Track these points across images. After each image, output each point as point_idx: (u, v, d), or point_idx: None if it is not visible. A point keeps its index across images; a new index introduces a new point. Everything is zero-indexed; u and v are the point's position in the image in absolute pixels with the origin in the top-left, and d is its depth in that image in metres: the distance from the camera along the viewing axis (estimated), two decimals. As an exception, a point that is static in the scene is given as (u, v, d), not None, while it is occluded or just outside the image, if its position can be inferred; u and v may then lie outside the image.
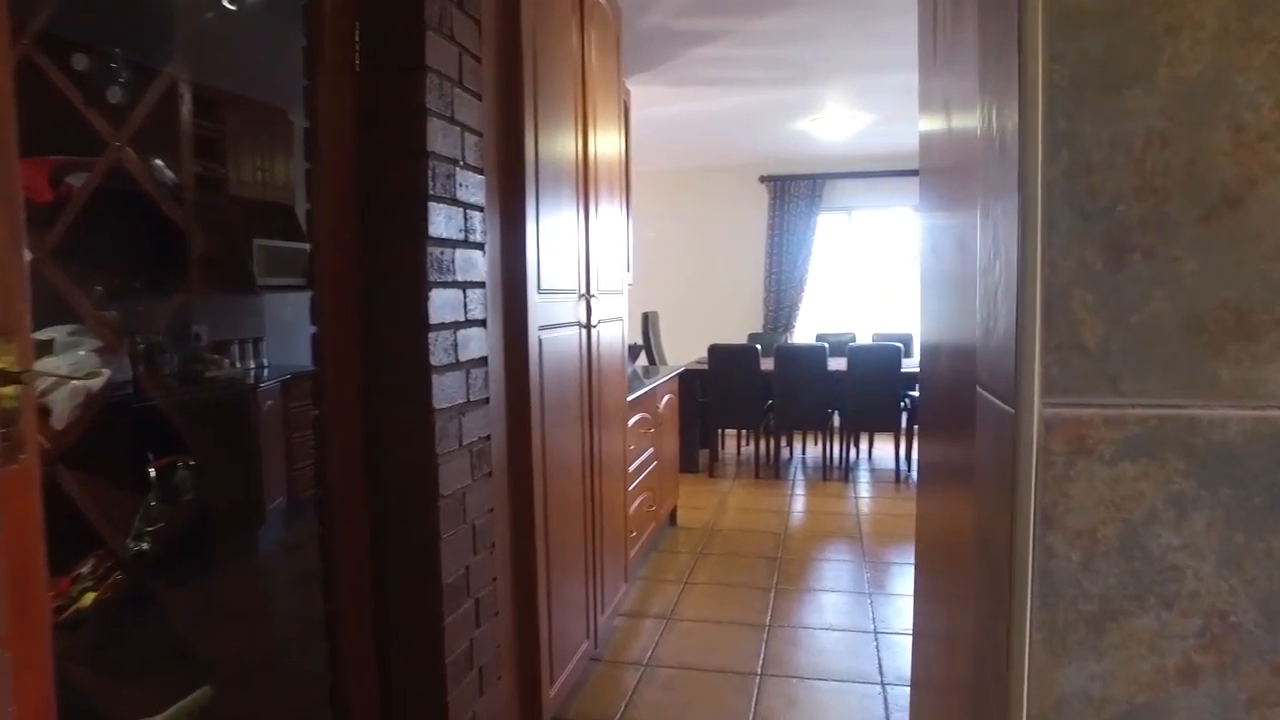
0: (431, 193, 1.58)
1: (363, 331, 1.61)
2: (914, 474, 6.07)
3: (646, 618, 3.34)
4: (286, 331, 5.34)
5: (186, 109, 2.02)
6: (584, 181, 2.59)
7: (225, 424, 2.59)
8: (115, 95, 1.84)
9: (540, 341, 2.17)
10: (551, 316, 2.27)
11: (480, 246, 1.83)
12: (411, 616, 1.64)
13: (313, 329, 1.56)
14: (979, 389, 0.64)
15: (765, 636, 3.13)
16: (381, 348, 1.61)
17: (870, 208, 7.62)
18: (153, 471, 2.05)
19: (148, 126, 1.82)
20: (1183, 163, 0.55)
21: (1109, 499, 0.57)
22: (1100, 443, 0.57)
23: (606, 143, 2.86)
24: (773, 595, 3.58)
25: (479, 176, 1.81)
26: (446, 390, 1.65)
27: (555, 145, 2.29)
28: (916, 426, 5.95)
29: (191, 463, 2.13)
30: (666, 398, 4.43)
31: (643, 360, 6.17)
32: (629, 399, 3.36)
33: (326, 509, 1.60)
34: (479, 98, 1.80)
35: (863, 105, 5.42)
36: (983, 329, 0.64)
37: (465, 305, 1.75)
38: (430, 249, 1.59)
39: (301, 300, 1.56)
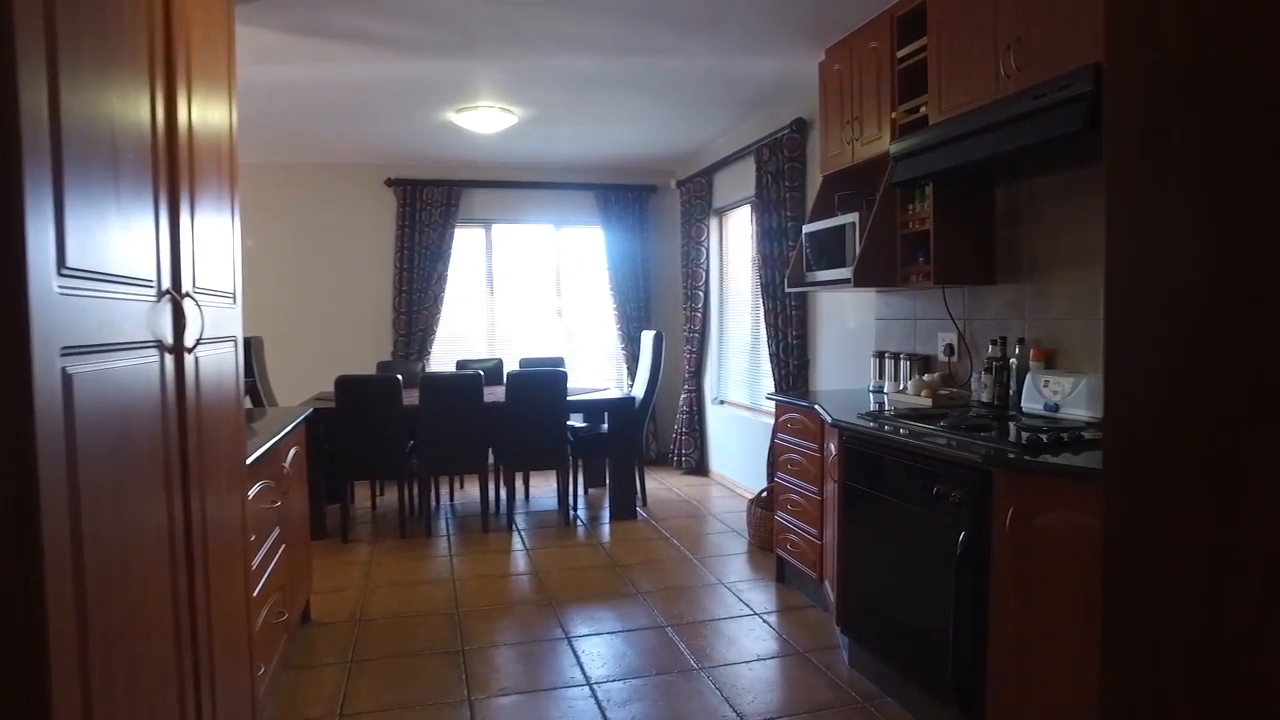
0: None
1: None
2: (582, 513, 5.50)
3: (286, 799, 2.17)
4: None
5: None
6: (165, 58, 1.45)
7: None
8: None
9: (67, 379, 1.02)
10: (95, 328, 1.13)
11: None
12: None
13: None
14: None
15: (477, 793, 2.18)
16: None
17: (510, 222, 7.01)
18: None
19: None
20: None
21: None
22: None
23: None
24: (470, 716, 2.62)
25: None
26: None
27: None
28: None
29: None
30: (293, 451, 3.21)
31: (245, 400, 4.71)
32: (248, 462, 2.17)
33: None
34: None
35: (516, 97, 4.73)
36: None
37: None
38: None
39: None
